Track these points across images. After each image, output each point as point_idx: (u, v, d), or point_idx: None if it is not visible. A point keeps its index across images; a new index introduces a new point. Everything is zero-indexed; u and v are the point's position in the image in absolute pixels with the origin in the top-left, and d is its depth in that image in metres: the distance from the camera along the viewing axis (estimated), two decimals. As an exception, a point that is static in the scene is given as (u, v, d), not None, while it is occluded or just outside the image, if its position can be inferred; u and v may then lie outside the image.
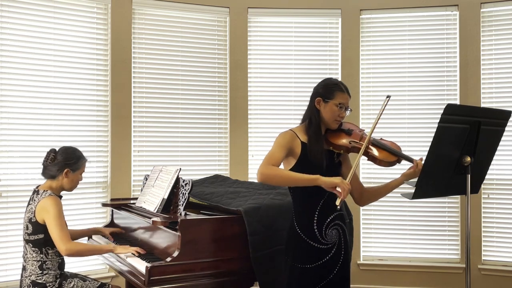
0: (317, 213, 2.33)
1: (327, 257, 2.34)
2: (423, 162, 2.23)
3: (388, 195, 4.58)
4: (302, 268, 2.34)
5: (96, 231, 3.29)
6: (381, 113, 2.35)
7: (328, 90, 2.36)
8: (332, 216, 2.35)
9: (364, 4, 4.69)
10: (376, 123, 2.36)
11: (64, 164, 2.79)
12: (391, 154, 2.35)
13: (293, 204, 2.41)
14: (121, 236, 3.28)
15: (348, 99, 2.38)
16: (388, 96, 2.38)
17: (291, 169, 2.33)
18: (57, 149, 2.86)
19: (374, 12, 4.71)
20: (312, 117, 2.37)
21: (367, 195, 2.50)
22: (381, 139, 2.47)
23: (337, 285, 2.36)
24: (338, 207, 2.14)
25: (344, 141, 2.35)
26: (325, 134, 2.40)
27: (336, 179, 2.13)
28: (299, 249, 2.35)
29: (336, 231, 2.36)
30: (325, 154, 2.32)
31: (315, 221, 2.33)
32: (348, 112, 2.39)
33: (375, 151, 2.34)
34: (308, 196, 2.34)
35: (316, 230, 2.33)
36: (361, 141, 2.35)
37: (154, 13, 4.54)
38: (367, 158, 2.38)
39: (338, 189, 2.12)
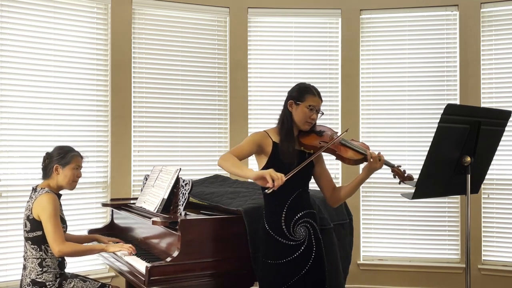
0: (285, 210, 2.41)
1: (297, 254, 2.40)
2: (381, 155, 2.36)
3: (388, 195, 4.63)
4: (272, 264, 2.40)
5: (94, 239, 3.23)
6: (339, 136, 2.47)
7: (300, 93, 2.47)
8: (300, 214, 2.42)
9: (364, 4, 4.69)
10: (343, 133, 2.48)
11: (54, 160, 2.82)
12: (357, 153, 2.44)
13: (264, 203, 2.49)
14: (120, 237, 3.26)
15: (319, 102, 2.47)
16: (347, 130, 2.61)
17: (263, 167, 2.42)
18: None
19: (374, 12, 4.71)
20: (284, 119, 2.48)
21: (336, 195, 2.56)
22: (351, 140, 2.55)
23: (310, 281, 2.40)
24: (268, 192, 2.15)
25: (314, 141, 2.46)
26: (298, 135, 2.50)
27: (263, 171, 2.17)
28: (269, 245, 2.43)
29: (305, 228, 2.43)
30: (297, 154, 2.41)
31: (283, 218, 2.40)
32: (319, 115, 2.48)
33: (341, 151, 2.44)
34: (276, 196, 2.36)
35: (284, 227, 2.40)
36: (329, 142, 2.44)
37: (154, 13, 4.54)
38: (335, 158, 2.46)
39: (268, 179, 2.13)
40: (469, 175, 2.26)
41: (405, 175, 2.45)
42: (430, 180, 2.25)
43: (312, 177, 2.57)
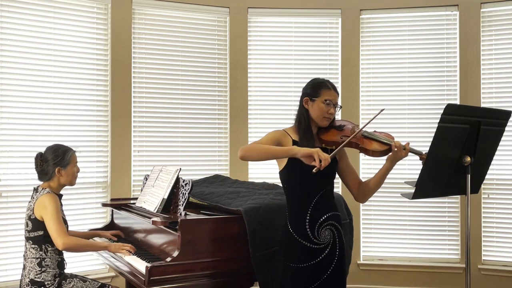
0: (309, 213, 2.34)
1: (320, 257, 2.34)
2: (410, 146, 2.27)
3: (388, 195, 4.63)
4: (295, 267, 2.35)
5: (96, 235, 3.28)
6: (370, 121, 2.39)
7: (314, 89, 2.40)
8: (325, 216, 2.36)
9: (364, 4, 4.69)
10: (368, 123, 2.39)
11: (53, 163, 2.81)
12: (382, 144, 2.34)
13: (286, 204, 2.44)
14: (122, 237, 3.28)
15: (335, 96, 2.40)
16: (382, 109, 2.47)
17: (284, 168, 2.36)
18: (42, 151, 2.87)
19: (374, 12, 4.71)
20: (301, 117, 2.42)
21: (363, 189, 2.47)
22: (374, 131, 2.46)
23: (332, 285, 2.36)
24: (314, 171, 2.11)
25: (335, 137, 2.38)
26: (317, 132, 2.43)
27: (312, 150, 2.13)
28: (292, 248, 2.37)
29: (329, 231, 2.36)
30: None
31: (307, 221, 2.34)
32: (337, 109, 2.41)
33: (365, 143, 2.34)
34: (300, 195, 2.36)
35: (308, 230, 2.33)
36: (352, 135, 2.35)
37: (154, 13, 4.54)
38: (359, 151, 2.38)
39: (315, 159, 2.11)
40: (469, 175, 2.25)
41: None
42: (430, 180, 2.25)
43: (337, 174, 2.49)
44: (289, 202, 2.42)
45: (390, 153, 2.31)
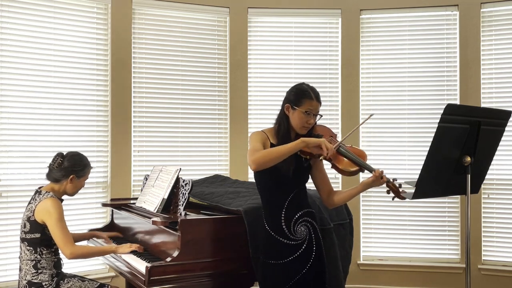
0: (284, 211, 2.38)
1: (298, 253, 2.38)
2: (383, 174, 2.31)
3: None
4: (273, 264, 2.39)
5: (94, 235, 3.28)
6: (357, 128, 2.42)
7: (297, 97, 2.39)
8: (300, 213, 2.40)
9: (364, 4, 4.69)
10: (349, 135, 2.46)
11: (71, 170, 2.82)
12: (352, 163, 2.38)
13: (262, 204, 2.47)
14: (120, 238, 3.28)
15: (317, 106, 2.39)
16: (371, 115, 2.60)
17: (260, 171, 2.35)
18: (64, 153, 2.87)
19: (374, 12, 4.71)
20: (281, 123, 2.43)
21: (332, 198, 2.51)
22: (351, 146, 2.48)
23: (311, 280, 2.39)
24: (320, 159, 2.29)
25: None
26: (295, 138, 2.41)
27: (319, 139, 2.25)
28: (269, 245, 2.42)
29: (305, 227, 2.41)
30: (293, 160, 2.33)
31: (282, 218, 2.38)
32: (318, 118, 2.41)
33: (338, 160, 2.38)
34: (275, 195, 2.40)
35: (284, 227, 2.38)
36: (328, 151, 2.34)
37: (154, 13, 4.54)
38: (330, 166, 2.41)
39: (322, 147, 2.22)
40: (469, 175, 2.26)
41: (400, 190, 2.35)
42: (430, 180, 2.25)
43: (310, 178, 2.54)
44: (264, 202, 2.46)
45: (368, 179, 2.36)
